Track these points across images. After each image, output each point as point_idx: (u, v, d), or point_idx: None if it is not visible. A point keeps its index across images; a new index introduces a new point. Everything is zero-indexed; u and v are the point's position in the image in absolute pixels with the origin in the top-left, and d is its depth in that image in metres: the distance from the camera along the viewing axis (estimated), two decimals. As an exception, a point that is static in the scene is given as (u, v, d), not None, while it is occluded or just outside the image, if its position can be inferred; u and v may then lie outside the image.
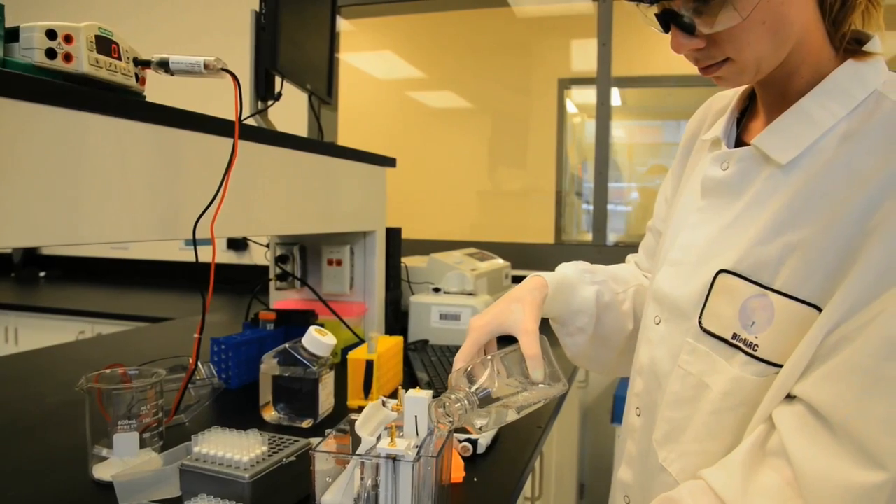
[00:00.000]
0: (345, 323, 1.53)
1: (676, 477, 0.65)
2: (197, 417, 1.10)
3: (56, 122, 0.73)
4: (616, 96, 3.45)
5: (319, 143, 1.42)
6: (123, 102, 0.83)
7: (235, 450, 0.76)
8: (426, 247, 2.24)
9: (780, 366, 0.56)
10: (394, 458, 0.65)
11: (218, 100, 1.34)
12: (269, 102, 1.47)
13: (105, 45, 0.82)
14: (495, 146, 3.36)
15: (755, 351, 0.57)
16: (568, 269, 0.82)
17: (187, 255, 2.99)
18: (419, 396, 0.75)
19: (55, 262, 3.18)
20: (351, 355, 1.21)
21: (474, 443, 0.99)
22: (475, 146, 3.35)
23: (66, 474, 0.88)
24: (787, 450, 0.51)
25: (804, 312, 0.54)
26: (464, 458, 0.98)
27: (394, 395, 0.74)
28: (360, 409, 0.72)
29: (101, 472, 0.86)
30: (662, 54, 2.99)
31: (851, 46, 0.59)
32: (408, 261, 1.93)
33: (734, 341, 0.59)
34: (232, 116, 0.94)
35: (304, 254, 1.68)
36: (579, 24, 3.09)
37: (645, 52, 2.88)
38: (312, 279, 1.68)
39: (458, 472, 0.90)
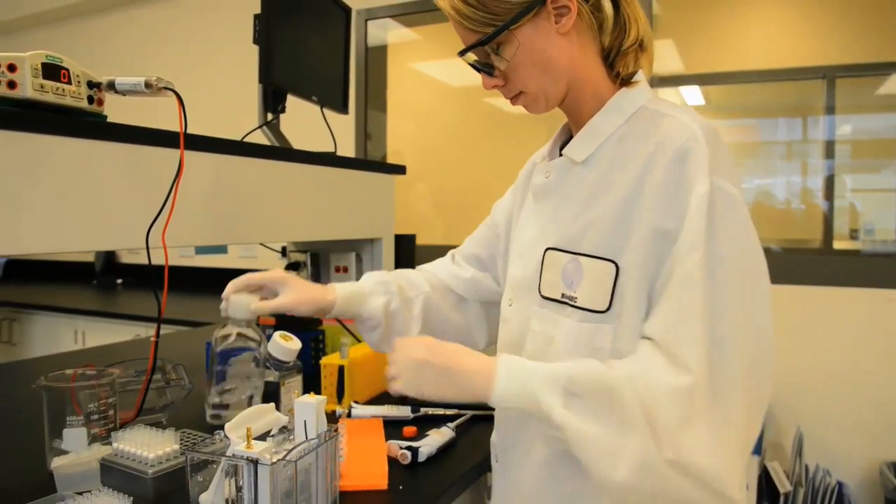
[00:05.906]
0: (347, 328, 1.55)
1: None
2: (175, 417, 1.16)
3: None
4: (698, 94, 3.28)
5: (319, 155, 1.46)
6: (76, 124, 0.91)
7: (147, 447, 0.80)
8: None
9: (593, 311, 0.72)
10: (255, 462, 0.66)
11: (249, 115, 1.46)
12: (277, 115, 1.53)
13: (53, 71, 0.89)
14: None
15: (575, 302, 0.74)
16: (365, 281, 1.00)
17: (247, 264, 3.17)
18: (308, 401, 0.76)
19: (132, 270, 3.47)
20: (323, 360, 1.24)
21: (415, 451, 0.98)
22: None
23: (28, 465, 0.96)
24: (638, 367, 0.68)
25: (603, 266, 0.72)
26: (403, 466, 0.97)
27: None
28: (331, 413, 0.75)
29: (55, 463, 0.93)
30: (734, 50, 2.83)
31: (625, 79, 0.80)
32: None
33: (563, 299, 0.76)
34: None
35: (317, 260, 1.73)
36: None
37: (717, 48, 2.75)
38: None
39: (380, 480, 0.90)
